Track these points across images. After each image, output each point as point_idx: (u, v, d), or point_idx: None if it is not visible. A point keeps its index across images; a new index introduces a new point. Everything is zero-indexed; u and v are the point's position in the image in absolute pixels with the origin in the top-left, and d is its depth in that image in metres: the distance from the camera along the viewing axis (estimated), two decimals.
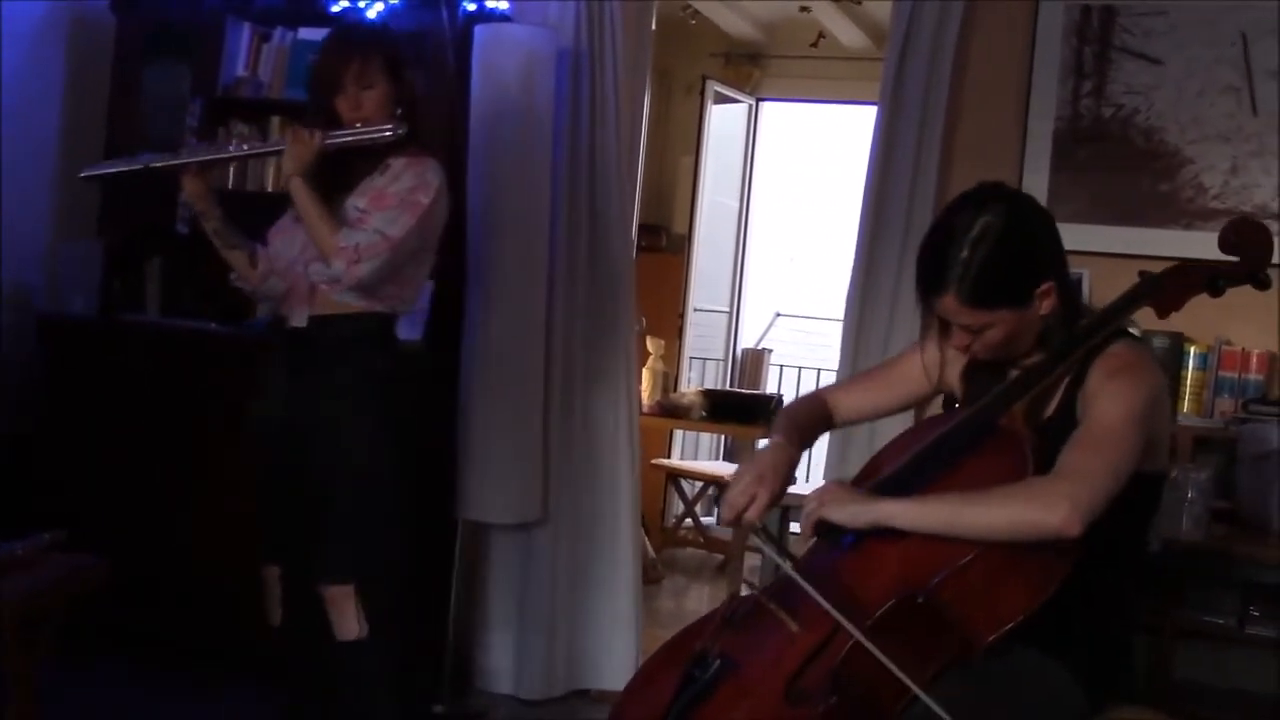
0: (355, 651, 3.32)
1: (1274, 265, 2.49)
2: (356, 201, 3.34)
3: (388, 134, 3.31)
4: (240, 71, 4.70)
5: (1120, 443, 2.18)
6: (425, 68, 4.35)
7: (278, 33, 4.69)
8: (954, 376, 2.56)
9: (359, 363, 3.37)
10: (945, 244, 2.28)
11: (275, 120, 4.63)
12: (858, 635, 2.09)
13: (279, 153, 3.73)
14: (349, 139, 3.32)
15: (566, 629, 4.49)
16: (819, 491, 2.32)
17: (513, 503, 4.32)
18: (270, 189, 4.60)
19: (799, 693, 2.11)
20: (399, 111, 3.35)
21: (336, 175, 3.34)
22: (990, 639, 2.10)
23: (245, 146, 3.85)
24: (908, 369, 2.63)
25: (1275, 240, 2.51)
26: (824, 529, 2.27)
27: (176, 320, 4.71)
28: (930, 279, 2.30)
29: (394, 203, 3.31)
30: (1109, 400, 2.23)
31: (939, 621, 2.11)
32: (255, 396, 3.46)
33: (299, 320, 3.37)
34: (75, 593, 3.26)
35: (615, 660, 4.49)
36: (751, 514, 2.38)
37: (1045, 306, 2.32)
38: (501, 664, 4.49)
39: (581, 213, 4.44)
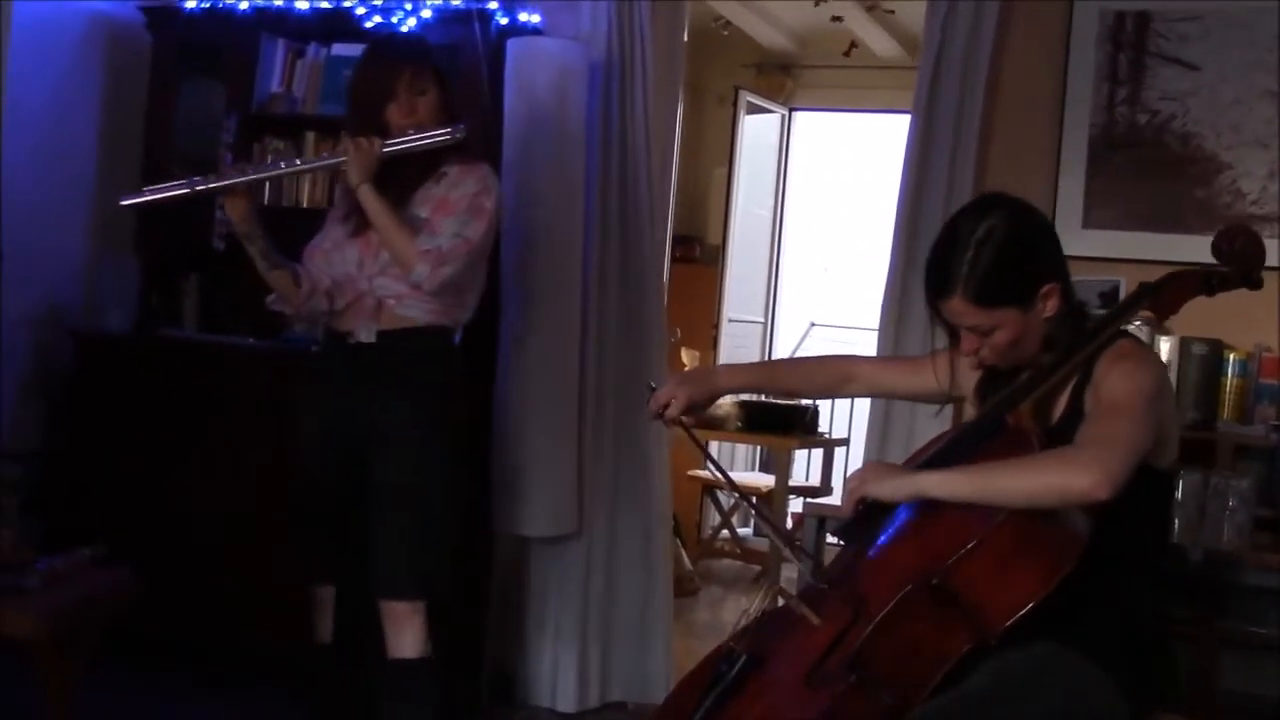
0: (410, 669, 3.31)
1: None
2: (418, 210, 3.33)
3: (447, 137, 3.31)
4: (275, 88, 4.72)
5: (1136, 413, 2.25)
6: (459, 82, 4.36)
7: (312, 48, 4.71)
8: (968, 389, 2.64)
9: (429, 376, 3.37)
10: (951, 247, 2.36)
11: (310, 136, 4.65)
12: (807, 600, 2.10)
13: (321, 168, 3.72)
14: (409, 144, 3.31)
15: (601, 641, 4.48)
16: (859, 470, 2.42)
17: (548, 516, 4.32)
18: (306, 204, 4.62)
19: (820, 676, 2.18)
20: (446, 117, 3.35)
21: (389, 186, 3.32)
22: (1005, 624, 2.13)
23: (285, 163, 3.82)
24: (929, 365, 2.70)
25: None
26: (866, 506, 2.35)
27: (213, 336, 4.74)
28: (938, 283, 2.38)
29: (464, 207, 3.31)
30: (1119, 379, 2.30)
31: (954, 608, 2.15)
32: (316, 413, 3.44)
33: (367, 336, 3.35)
34: (111, 606, 3.29)
35: (649, 672, 4.48)
36: (671, 411, 2.65)
37: (1049, 308, 2.38)
38: (537, 676, 4.48)
39: (614, 225, 4.44)
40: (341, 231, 3.43)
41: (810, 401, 6.78)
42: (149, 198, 3.36)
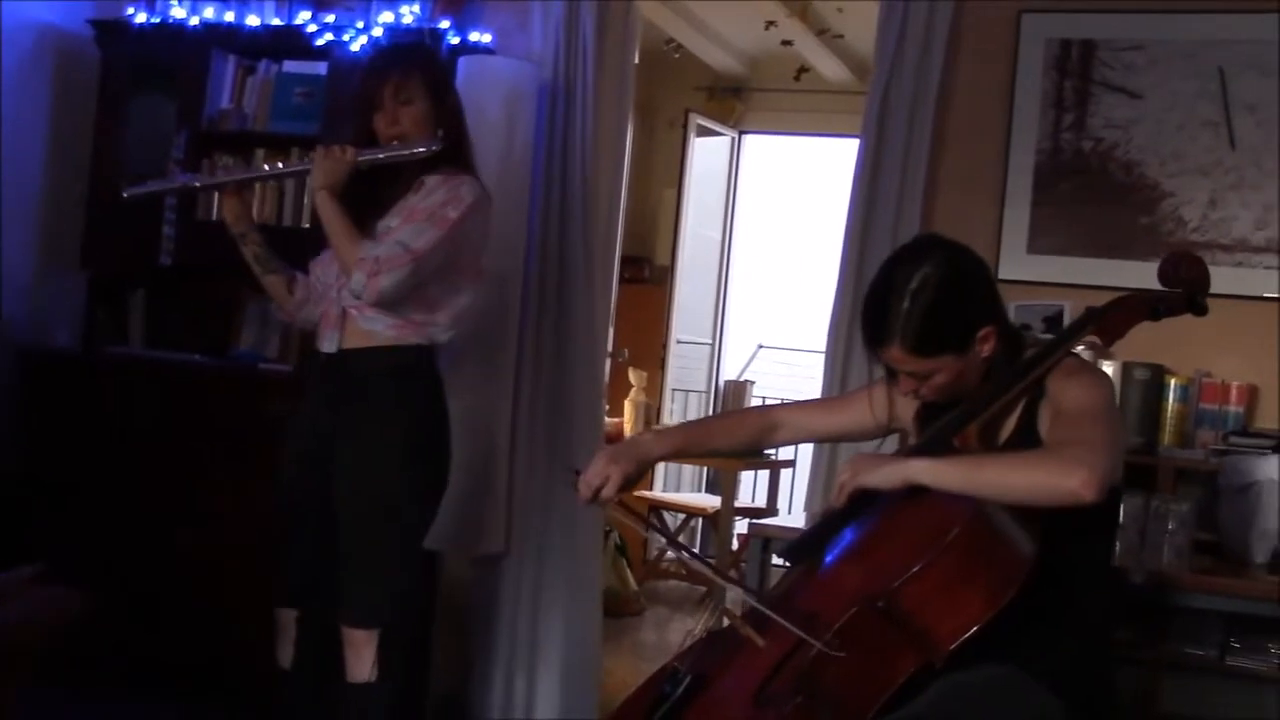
0: (366, 694, 3.27)
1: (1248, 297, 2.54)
2: (389, 221, 3.27)
3: (421, 151, 3.26)
4: (225, 104, 4.71)
5: (1108, 418, 2.31)
6: None
7: (262, 65, 4.70)
8: (907, 418, 2.66)
9: (395, 399, 3.29)
10: (887, 297, 2.38)
11: (260, 153, 4.63)
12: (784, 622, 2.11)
13: (297, 173, 3.69)
14: (382, 156, 3.28)
15: (529, 661, 4.43)
16: (849, 462, 2.43)
17: (476, 534, 4.28)
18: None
19: (767, 697, 2.18)
20: (440, 131, 3.30)
21: (370, 196, 3.28)
22: (951, 647, 2.14)
23: (279, 165, 3.80)
24: (860, 401, 2.74)
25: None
26: (858, 497, 2.37)
27: (160, 353, 4.71)
28: (875, 331, 2.40)
29: (421, 217, 3.23)
30: (1081, 389, 2.35)
31: (900, 630, 2.16)
32: (296, 436, 3.39)
33: (328, 346, 3.30)
34: (52, 625, 3.25)
35: (577, 692, 4.44)
36: (608, 492, 2.53)
37: (986, 350, 2.41)
38: (481, 696, 4.45)
39: (554, 244, 4.41)
40: None
41: None
42: (151, 189, 3.47)
